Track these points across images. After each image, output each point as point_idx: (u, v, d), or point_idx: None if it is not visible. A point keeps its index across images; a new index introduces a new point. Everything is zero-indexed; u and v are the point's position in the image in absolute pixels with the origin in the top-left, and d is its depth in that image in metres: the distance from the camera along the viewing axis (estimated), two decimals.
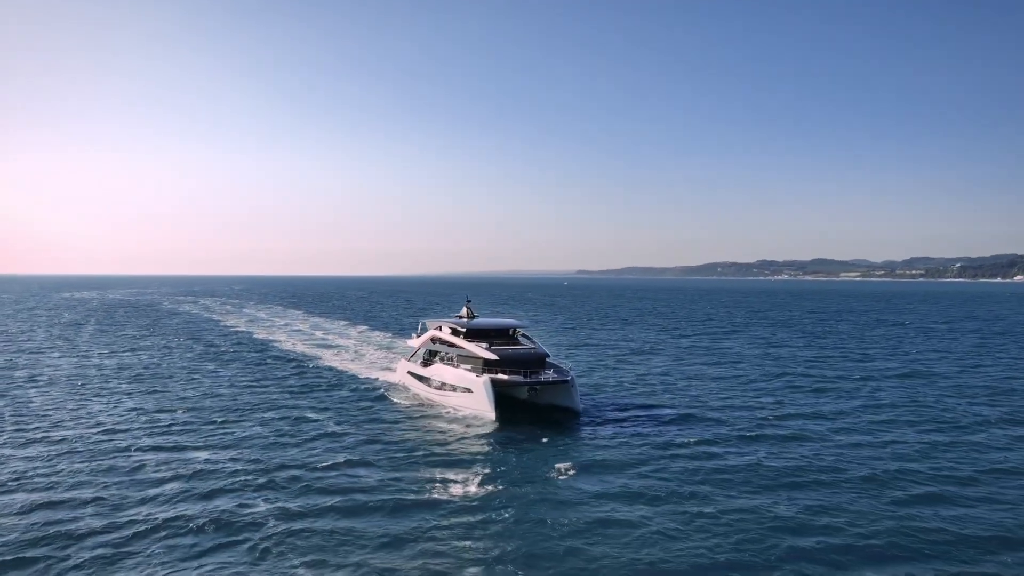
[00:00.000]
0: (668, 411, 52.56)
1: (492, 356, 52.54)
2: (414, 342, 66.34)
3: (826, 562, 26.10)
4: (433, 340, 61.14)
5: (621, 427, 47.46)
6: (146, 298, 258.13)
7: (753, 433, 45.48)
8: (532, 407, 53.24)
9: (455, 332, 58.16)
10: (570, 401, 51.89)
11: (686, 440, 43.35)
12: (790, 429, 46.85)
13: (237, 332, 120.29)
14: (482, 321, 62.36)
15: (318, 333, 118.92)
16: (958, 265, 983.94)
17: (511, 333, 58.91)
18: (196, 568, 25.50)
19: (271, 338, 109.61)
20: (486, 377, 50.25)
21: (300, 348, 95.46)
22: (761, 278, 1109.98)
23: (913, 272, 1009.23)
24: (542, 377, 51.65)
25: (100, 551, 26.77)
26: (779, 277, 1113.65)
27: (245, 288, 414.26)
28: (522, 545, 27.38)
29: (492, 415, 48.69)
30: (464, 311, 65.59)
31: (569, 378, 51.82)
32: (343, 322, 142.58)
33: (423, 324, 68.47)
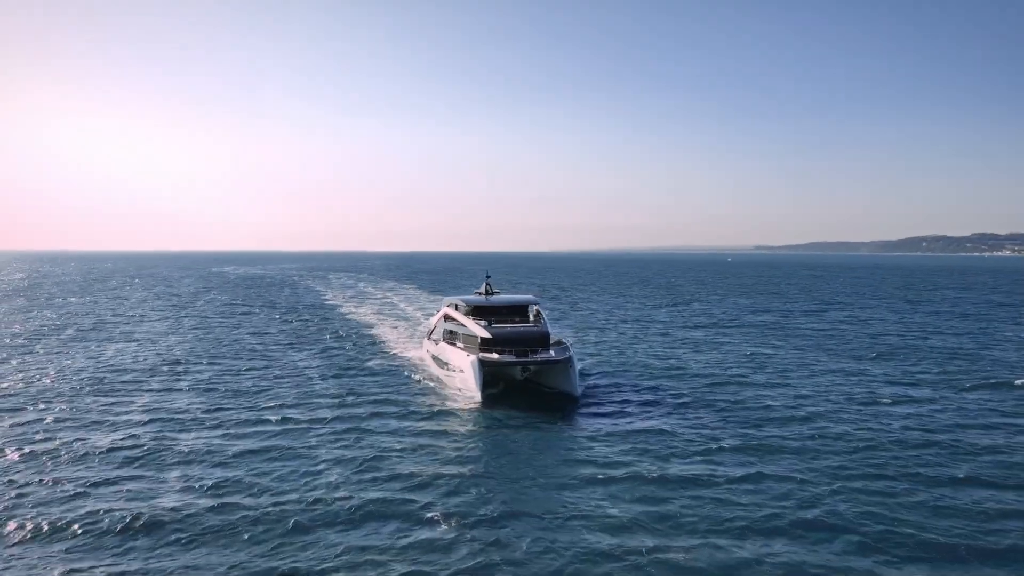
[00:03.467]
0: (682, 397, 51.85)
1: (487, 335, 54.28)
2: (433, 320, 69.86)
3: (828, 563, 26.06)
4: (446, 318, 63.84)
5: (620, 412, 47.30)
6: (280, 274, 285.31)
7: (765, 432, 42.47)
8: (528, 389, 54.11)
9: (466, 311, 60.40)
10: (566, 383, 52.07)
11: (687, 435, 41.63)
12: (805, 426, 43.92)
13: (324, 304, 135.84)
14: (494, 299, 63.85)
15: (402, 305, 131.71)
16: None
17: (526, 311, 60.60)
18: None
19: (346, 309, 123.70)
20: (474, 357, 52.01)
21: (369, 319, 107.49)
22: (976, 254, 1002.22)
23: None
24: (532, 356, 52.43)
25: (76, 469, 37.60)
26: (999, 253, 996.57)
27: (393, 264, 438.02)
28: (487, 545, 27.17)
29: (478, 396, 50.13)
30: (483, 287, 68.25)
31: (565, 358, 52.24)
32: (436, 297, 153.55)
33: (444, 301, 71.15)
